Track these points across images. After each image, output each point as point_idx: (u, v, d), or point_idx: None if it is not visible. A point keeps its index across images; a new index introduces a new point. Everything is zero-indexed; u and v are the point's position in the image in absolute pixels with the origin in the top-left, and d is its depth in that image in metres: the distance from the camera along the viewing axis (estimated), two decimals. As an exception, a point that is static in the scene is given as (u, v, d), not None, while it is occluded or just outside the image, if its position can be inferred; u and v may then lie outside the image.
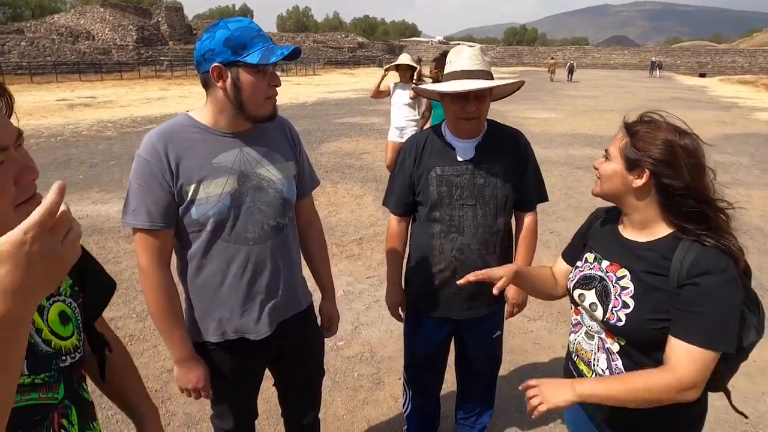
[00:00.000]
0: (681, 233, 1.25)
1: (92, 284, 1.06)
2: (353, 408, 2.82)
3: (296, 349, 1.77)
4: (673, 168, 1.22)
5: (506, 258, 2.07)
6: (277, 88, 1.49)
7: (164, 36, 43.90)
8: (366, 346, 3.41)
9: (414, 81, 5.87)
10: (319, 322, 1.92)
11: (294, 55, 1.44)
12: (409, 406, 2.39)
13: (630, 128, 1.30)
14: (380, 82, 6.18)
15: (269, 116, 1.49)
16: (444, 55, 4.90)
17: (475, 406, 2.39)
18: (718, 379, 1.29)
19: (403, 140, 5.75)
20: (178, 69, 33.37)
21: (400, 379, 2.47)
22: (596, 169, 1.38)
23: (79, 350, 0.93)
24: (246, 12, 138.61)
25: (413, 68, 5.90)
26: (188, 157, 1.43)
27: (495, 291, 1.41)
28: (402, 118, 6.13)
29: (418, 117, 6.08)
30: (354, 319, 3.75)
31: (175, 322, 1.51)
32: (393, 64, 6.13)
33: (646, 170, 1.25)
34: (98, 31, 41.60)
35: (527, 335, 3.57)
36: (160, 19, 46.26)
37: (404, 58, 6.10)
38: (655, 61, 47.23)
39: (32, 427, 0.80)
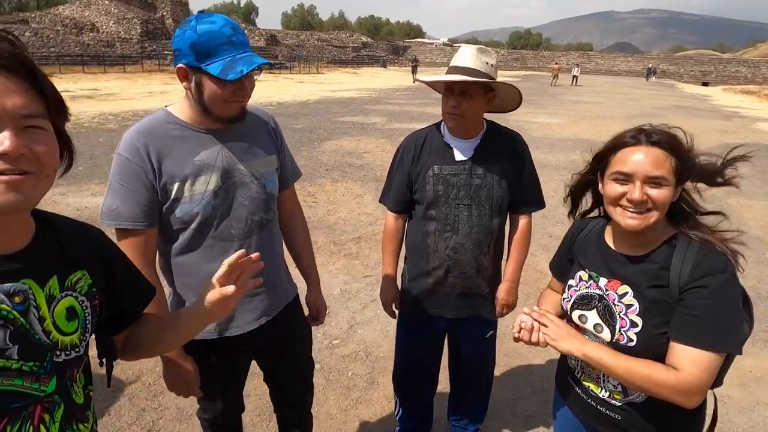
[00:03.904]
0: (683, 228, 1.24)
1: (126, 290, 1.05)
2: (346, 407, 2.81)
3: (284, 341, 1.77)
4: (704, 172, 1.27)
5: (499, 259, 2.07)
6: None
7: (168, 30, 43.81)
8: (361, 345, 3.40)
9: None
10: (306, 313, 1.91)
11: (262, 68, 1.39)
12: (401, 409, 2.38)
13: (675, 147, 1.21)
14: None
15: (235, 117, 1.46)
16: None
17: (469, 409, 2.38)
18: (721, 375, 1.26)
19: None
20: (181, 63, 33.32)
21: (394, 379, 2.47)
22: (645, 201, 1.19)
23: (77, 349, 0.90)
24: (251, 9, 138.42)
25: None
26: (170, 155, 1.42)
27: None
28: None
29: None
30: (350, 317, 3.74)
31: None
32: None
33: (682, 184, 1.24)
34: (103, 23, 41.56)
35: (523, 339, 3.55)
36: (164, 13, 46.17)
37: None
38: (651, 67, 51.57)
39: (6, 413, 0.78)
